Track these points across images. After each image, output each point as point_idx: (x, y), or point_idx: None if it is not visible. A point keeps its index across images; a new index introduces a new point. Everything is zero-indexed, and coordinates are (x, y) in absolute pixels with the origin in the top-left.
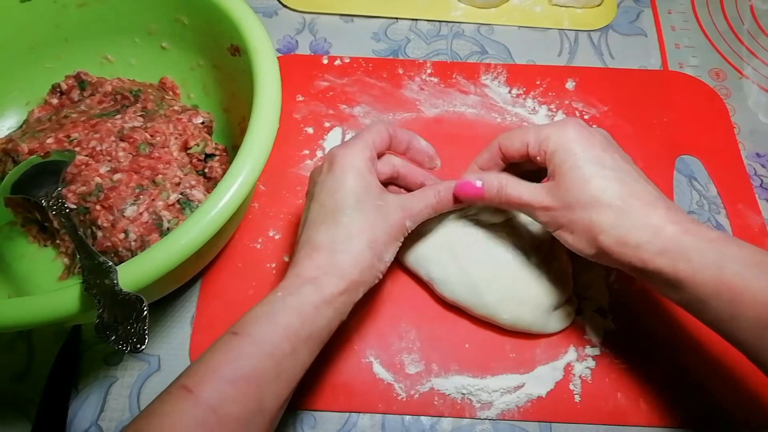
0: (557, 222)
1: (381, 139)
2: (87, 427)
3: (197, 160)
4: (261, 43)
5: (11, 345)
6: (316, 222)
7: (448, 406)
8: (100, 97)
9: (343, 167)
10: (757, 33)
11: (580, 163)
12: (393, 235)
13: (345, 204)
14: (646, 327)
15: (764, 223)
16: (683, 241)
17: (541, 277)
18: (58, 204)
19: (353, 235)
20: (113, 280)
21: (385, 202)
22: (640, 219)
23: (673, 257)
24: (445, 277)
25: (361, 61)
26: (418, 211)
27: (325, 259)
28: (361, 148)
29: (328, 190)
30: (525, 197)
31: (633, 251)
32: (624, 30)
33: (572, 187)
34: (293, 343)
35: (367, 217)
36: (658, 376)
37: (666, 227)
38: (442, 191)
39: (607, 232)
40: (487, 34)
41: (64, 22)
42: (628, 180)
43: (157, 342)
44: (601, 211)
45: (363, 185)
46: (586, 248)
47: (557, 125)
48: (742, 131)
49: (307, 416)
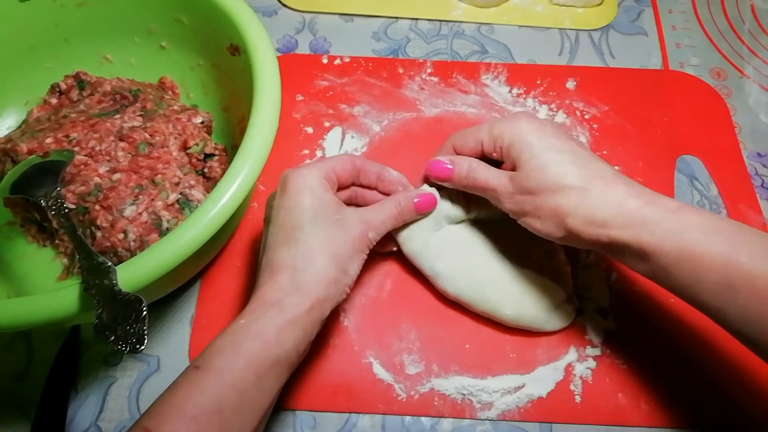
0: (522, 209)
1: (342, 168)
2: (86, 428)
3: (197, 160)
4: (261, 43)
5: (11, 345)
6: (276, 243)
7: (449, 406)
8: (99, 97)
9: (296, 186)
10: (758, 32)
11: (537, 152)
12: (356, 247)
13: (303, 221)
14: (646, 327)
15: (765, 223)
16: (645, 213)
17: (542, 274)
18: (57, 204)
19: (314, 252)
20: (112, 280)
21: (344, 216)
22: (603, 196)
23: (637, 230)
24: (449, 272)
25: (361, 61)
26: (380, 222)
27: (288, 280)
28: (316, 169)
29: (285, 210)
30: (492, 182)
31: (600, 229)
32: (625, 29)
33: (534, 175)
34: (257, 372)
35: (326, 232)
36: (659, 376)
37: (628, 201)
38: (402, 201)
39: (574, 214)
40: (488, 33)
41: (63, 21)
42: (585, 162)
43: (156, 342)
44: (566, 193)
45: (319, 202)
46: (555, 231)
47: (509, 120)
48: (743, 131)
49: (307, 416)
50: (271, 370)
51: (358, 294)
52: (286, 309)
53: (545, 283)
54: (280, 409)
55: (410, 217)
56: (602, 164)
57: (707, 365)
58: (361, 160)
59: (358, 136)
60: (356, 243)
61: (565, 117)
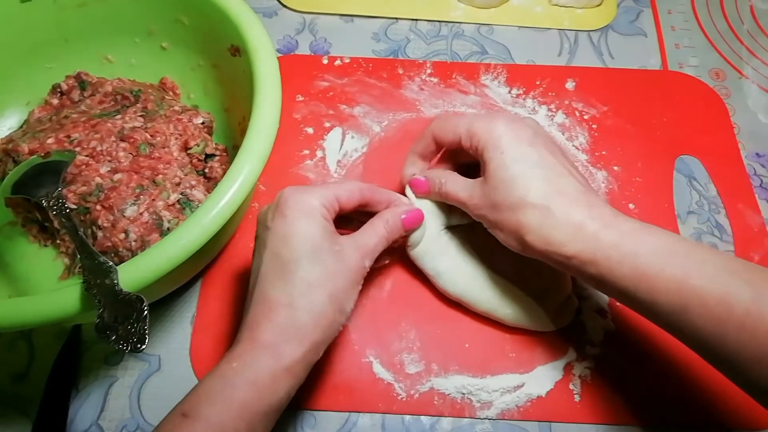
0: (487, 220)
1: (348, 198)
2: (87, 427)
3: (197, 161)
4: (261, 43)
5: (11, 345)
6: (270, 275)
7: (448, 405)
8: (100, 98)
9: (294, 211)
10: (757, 33)
11: (507, 162)
12: (353, 280)
13: (300, 253)
14: (646, 327)
15: (764, 222)
16: (602, 237)
17: (542, 274)
18: (58, 204)
19: (312, 290)
20: (113, 280)
21: (342, 246)
22: (563, 217)
23: (593, 254)
24: (450, 271)
25: (361, 61)
26: (373, 245)
27: (284, 320)
28: (318, 195)
29: (280, 238)
30: (461, 195)
31: (557, 249)
32: (624, 30)
33: (499, 187)
34: (249, 421)
35: (324, 266)
36: (658, 376)
37: (587, 224)
38: (390, 220)
39: (534, 232)
40: (487, 34)
41: (64, 22)
42: (553, 176)
43: (157, 342)
44: (527, 211)
45: (318, 231)
46: (516, 246)
47: (486, 119)
48: (742, 131)
49: (307, 416)
50: (264, 418)
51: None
52: (282, 355)
53: (545, 283)
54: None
55: (398, 235)
56: (570, 180)
57: (707, 365)
58: (369, 189)
59: (358, 136)
60: (353, 275)
61: (564, 117)
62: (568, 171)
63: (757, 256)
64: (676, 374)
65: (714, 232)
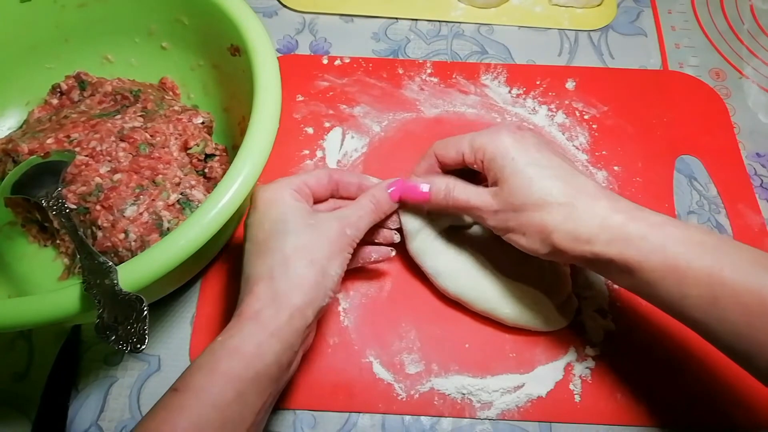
0: (506, 225)
1: (317, 181)
2: (87, 427)
3: (197, 160)
4: (261, 43)
5: (11, 345)
6: (251, 258)
7: (448, 406)
8: (100, 98)
9: (265, 201)
10: (757, 33)
11: (520, 167)
12: (334, 248)
13: (275, 230)
14: (646, 327)
15: (764, 222)
16: (629, 229)
17: (542, 273)
18: (58, 204)
19: (288, 258)
20: (113, 280)
21: (317, 220)
22: (588, 212)
23: (622, 245)
24: (450, 270)
25: (361, 61)
26: (357, 217)
27: (264, 290)
28: (285, 183)
29: (256, 225)
30: (473, 201)
31: (585, 245)
32: (624, 30)
33: (517, 191)
34: (238, 388)
35: (299, 237)
36: (658, 376)
37: (612, 217)
38: (377, 194)
39: (559, 230)
40: (487, 34)
41: (64, 22)
42: (568, 177)
43: (157, 342)
44: (551, 210)
45: (290, 210)
46: (540, 248)
47: (490, 133)
48: (742, 131)
49: (307, 416)
50: (252, 385)
51: (358, 294)
52: (265, 321)
53: (545, 283)
54: (280, 408)
55: (389, 207)
56: (585, 179)
57: (707, 365)
58: (338, 173)
59: (358, 136)
60: (334, 244)
61: (564, 117)
62: (579, 172)
63: None
64: (676, 374)
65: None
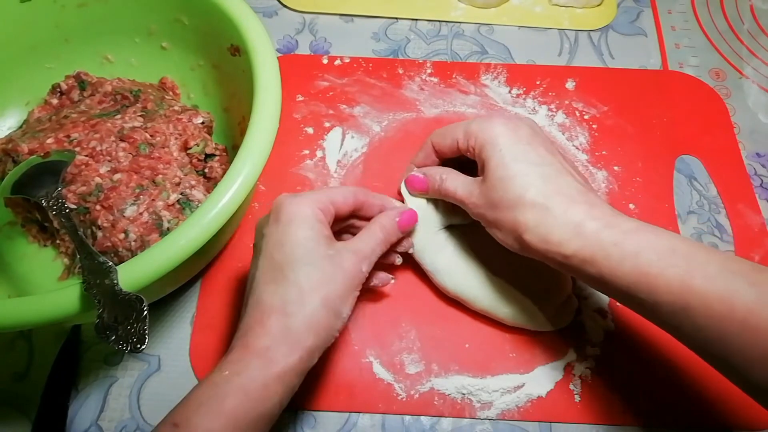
0: (486, 219)
1: (344, 200)
2: (87, 427)
3: (197, 160)
4: (261, 43)
5: (11, 345)
6: (265, 280)
7: (448, 406)
8: (100, 97)
9: (289, 216)
10: (757, 33)
11: (505, 161)
12: (350, 285)
13: (294, 257)
14: (646, 327)
15: (764, 222)
16: (602, 236)
17: (542, 273)
18: (58, 204)
19: (305, 294)
20: (113, 280)
21: (337, 251)
22: (562, 216)
23: (593, 253)
24: (449, 268)
25: (361, 61)
26: (371, 250)
27: (276, 326)
28: (313, 199)
29: (275, 243)
30: (459, 193)
31: (556, 248)
32: (624, 30)
33: (497, 186)
34: (239, 429)
35: (319, 270)
36: (658, 376)
37: (586, 223)
38: (386, 223)
39: (531, 231)
40: (487, 34)
41: (64, 22)
42: (552, 175)
43: (157, 342)
44: (525, 210)
45: (312, 235)
46: (513, 245)
47: (484, 120)
48: (742, 131)
49: (307, 416)
50: (255, 426)
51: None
52: (274, 360)
53: (545, 283)
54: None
55: (395, 237)
56: (569, 179)
57: (706, 365)
58: (363, 193)
59: (358, 136)
60: (348, 280)
61: (564, 117)
62: (567, 170)
63: (758, 256)
64: (676, 374)
65: (714, 232)
